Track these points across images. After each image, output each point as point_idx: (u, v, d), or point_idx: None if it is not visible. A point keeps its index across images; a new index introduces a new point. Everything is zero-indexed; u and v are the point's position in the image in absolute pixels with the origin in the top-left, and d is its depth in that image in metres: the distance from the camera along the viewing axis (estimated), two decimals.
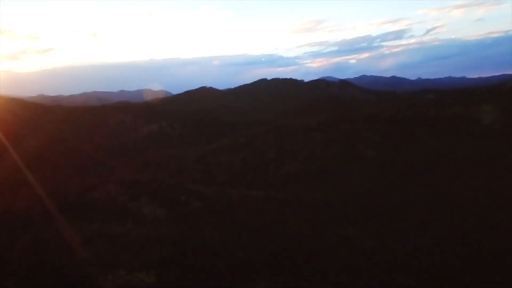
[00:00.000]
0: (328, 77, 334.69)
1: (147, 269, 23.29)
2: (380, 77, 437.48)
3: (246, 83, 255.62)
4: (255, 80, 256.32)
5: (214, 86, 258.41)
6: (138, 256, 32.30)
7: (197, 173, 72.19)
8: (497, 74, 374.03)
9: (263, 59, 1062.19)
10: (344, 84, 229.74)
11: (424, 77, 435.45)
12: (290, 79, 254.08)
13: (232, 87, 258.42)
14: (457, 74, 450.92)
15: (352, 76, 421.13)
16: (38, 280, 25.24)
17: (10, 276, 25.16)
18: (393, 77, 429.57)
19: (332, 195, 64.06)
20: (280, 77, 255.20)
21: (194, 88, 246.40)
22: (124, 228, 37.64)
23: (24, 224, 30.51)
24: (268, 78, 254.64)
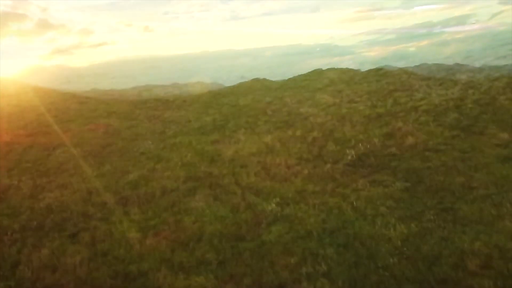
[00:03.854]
0: (386, 65, 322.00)
1: (205, 271, 22.11)
2: (442, 64, 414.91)
3: (300, 73, 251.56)
4: (309, 70, 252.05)
5: (267, 77, 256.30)
6: (194, 253, 31.49)
7: (253, 166, 70.97)
8: None
9: (318, 49, 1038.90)
10: (403, 72, 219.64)
11: (490, 64, 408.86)
12: (346, 68, 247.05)
13: (286, 78, 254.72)
14: None
15: (412, 64, 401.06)
16: (93, 275, 24.89)
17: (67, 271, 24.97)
18: (456, 64, 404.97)
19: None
20: (336, 67, 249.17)
21: (247, 80, 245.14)
22: (180, 223, 37.02)
23: (80, 217, 30.57)
24: (323, 68, 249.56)
